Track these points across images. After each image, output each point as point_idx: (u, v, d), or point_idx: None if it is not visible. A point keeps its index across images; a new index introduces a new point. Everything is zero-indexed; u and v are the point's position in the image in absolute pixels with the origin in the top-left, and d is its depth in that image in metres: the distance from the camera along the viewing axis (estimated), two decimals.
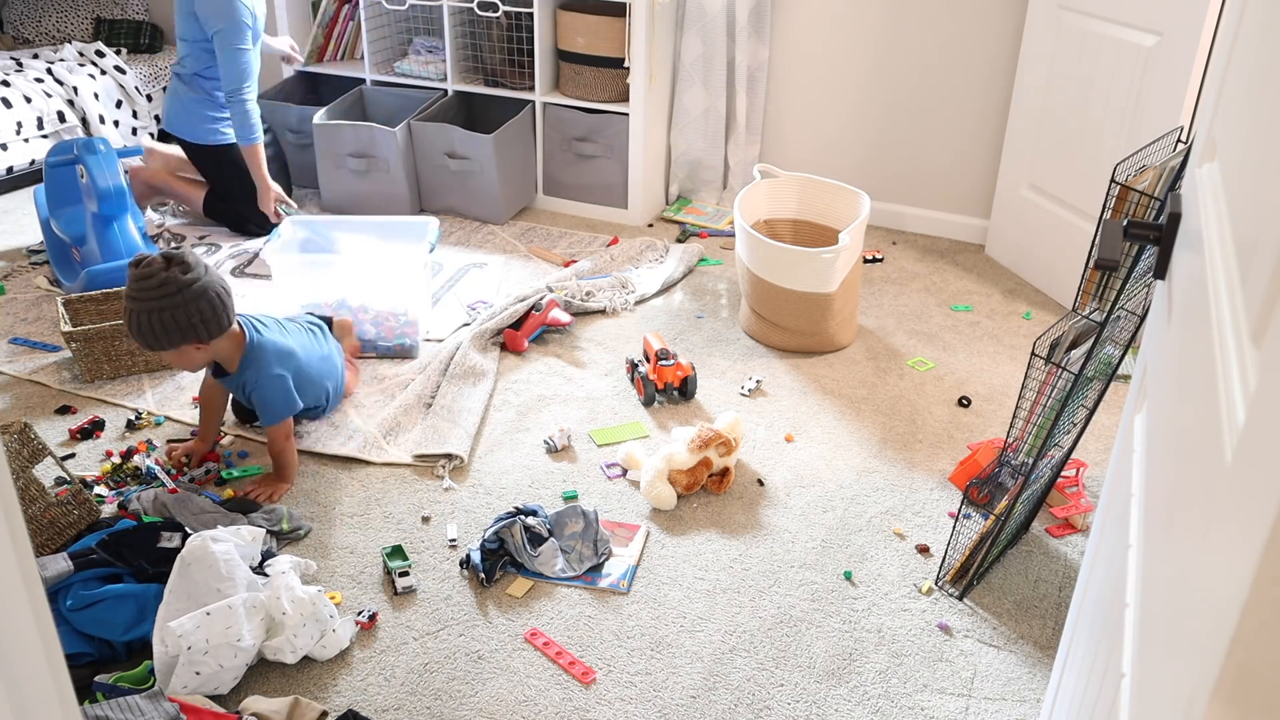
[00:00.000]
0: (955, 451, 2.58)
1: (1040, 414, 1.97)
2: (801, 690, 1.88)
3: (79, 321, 2.86)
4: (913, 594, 2.12)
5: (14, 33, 4.59)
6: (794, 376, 2.91)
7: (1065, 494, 2.35)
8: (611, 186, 3.87)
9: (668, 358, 2.75)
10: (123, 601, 1.90)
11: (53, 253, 3.30)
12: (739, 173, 3.99)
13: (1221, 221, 0.86)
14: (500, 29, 3.90)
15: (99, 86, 4.12)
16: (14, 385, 2.79)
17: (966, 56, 3.59)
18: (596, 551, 2.17)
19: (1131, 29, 2.88)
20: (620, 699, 1.85)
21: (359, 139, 3.73)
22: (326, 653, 1.91)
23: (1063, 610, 2.09)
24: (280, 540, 2.21)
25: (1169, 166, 1.63)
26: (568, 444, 2.57)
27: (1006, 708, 1.86)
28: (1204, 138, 1.09)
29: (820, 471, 2.50)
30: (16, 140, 3.81)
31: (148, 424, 2.62)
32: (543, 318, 3.02)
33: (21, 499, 2.08)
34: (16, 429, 2.19)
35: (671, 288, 3.42)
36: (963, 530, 2.17)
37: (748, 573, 2.17)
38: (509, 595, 2.09)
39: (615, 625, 2.02)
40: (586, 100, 3.76)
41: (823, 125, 3.91)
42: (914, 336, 3.14)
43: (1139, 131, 2.89)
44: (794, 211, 3.30)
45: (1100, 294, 1.80)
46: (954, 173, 3.77)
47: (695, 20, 3.76)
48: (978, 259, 3.68)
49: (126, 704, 1.68)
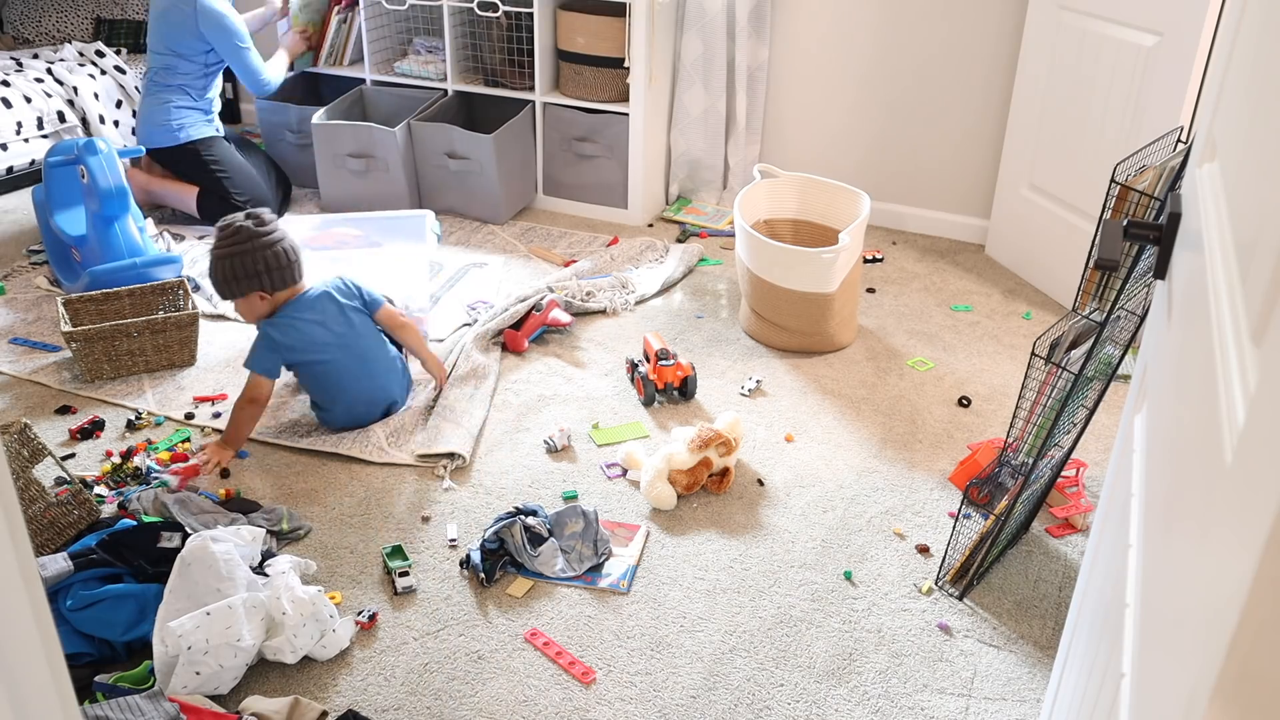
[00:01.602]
0: (955, 451, 2.58)
1: (1040, 414, 1.97)
2: (801, 690, 1.88)
3: (79, 321, 2.86)
4: (913, 594, 2.12)
5: (14, 33, 4.59)
6: (794, 376, 2.91)
7: (1065, 494, 2.35)
8: (611, 186, 3.87)
9: (668, 358, 2.75)
10: (123, 601, 1.90)
11: (52, 253, 3.30)
12: (739, 173, 3.99)
13: (1221, 221, 0.86)
14: (500, 29, 3.90)
15: (99, 86, 4.11)
16: (14, 385, 2.79)
17: (966, 56, 3.59)
18: (596, 551, 2.17)
19: (1131, 29, 2.88)
20: (620, 699, 1.85)
21: (359, 139, 3.73)
22: (326, 653, 1.91)
23: (1063, 610, 2.09)
24: (280, 540, 2.21)
25: (1169, 166, 1.63)
26: (568, 444, 2.57)
27: (1006, 708, 1.86)
28: (1204, 138, 1.09)
29: (820, 471, 2.50)
30: (16, 140, 3.81)
31: (148, 424, 2.62)
32: (543, 318, 3.02)
33: (21, 499, 2.08)
34: (16, 429, 2.19)
35: (671, 288, 3.43)
36: (963, 530, 2.17)
37: (748, 573, 2.17)
38: (509, 595, 2.09)
39: (615, 625, 2.02)
40: (586, 100, 3.77)
41: (823, 125, 3.91)
42: (914, 336, 3.14)
43: (1139, 131, 2.89)
44: (794, 211, 3.30)
45: (1100, 294, 1.80)
46: (954, 173, 3.77)
47: (695, 20, 3.76)
48: (978, 259, 3.68)
49: (126, 704, 1.68)
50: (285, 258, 2.43)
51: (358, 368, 2.52)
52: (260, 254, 2.39)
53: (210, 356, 2.93)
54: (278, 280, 2.43)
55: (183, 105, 3.61)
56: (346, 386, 2.52)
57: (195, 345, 2.88)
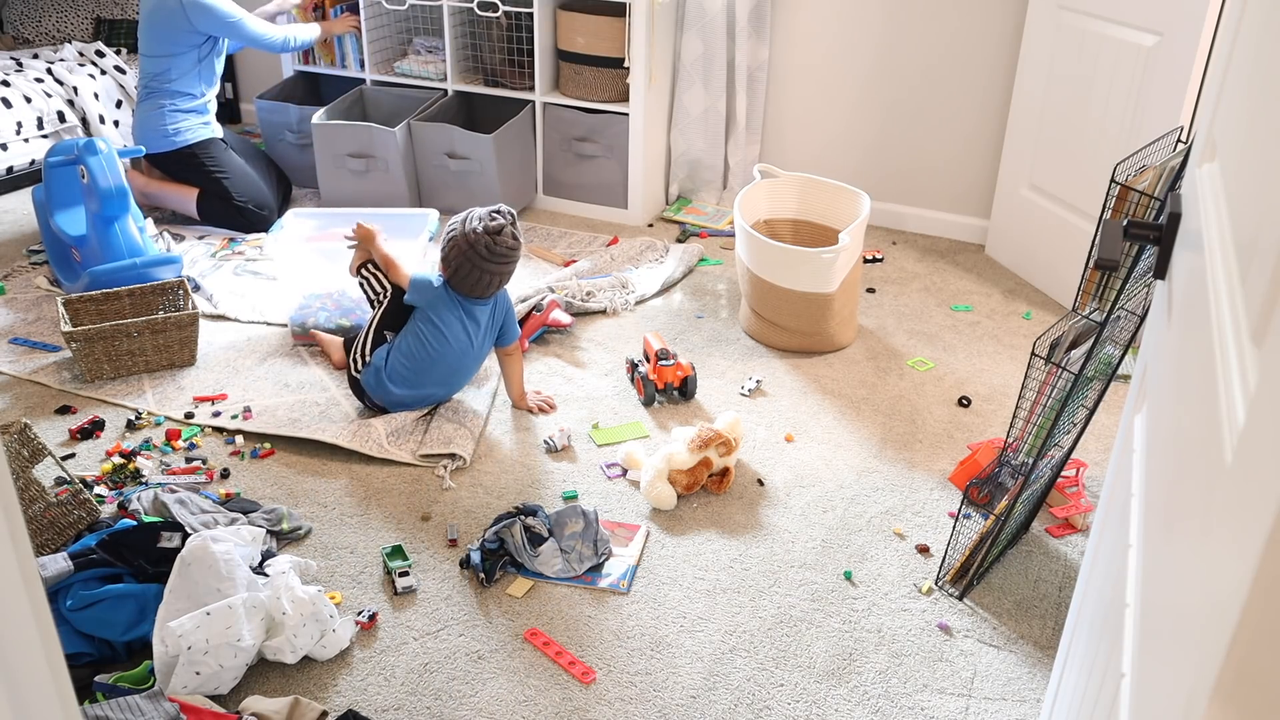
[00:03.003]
0: (955, 451, 2.58)
1: (1040, 414, 1.97)
2: (801, 690, 1.88)
3: (79, 321, 2.86)
4: (913, 594, 2.12)
5: (14, 33, 4.59)
6: (794, 376, 2.91)
7: (1065, 494, 2.35)
8: (611, 186, 3.87)
9: (668, 358, 2.75)
10: (123, 601, 1.90)
11: (52, 253, 3.30)
12: (739, 173, 3.99)
13: (1221, 221, 0.86)
14: (500, 29, 3.90)
15: (99, 86, 4.12)
16: (14, 385, 2.79)
17: (966, 56, 3.59)
18: (596, 551, 2.17)
19: (1131, 29, 2.88)
20: (620, 699, 1.85)
21: (359, 139, 3.73)
22: (326, 653, 1.91)
23: (1063, 610, 2.09)
24: (280, 540, 2.21)
25: (1169, 166, 1.63)
26: (568, 444, 2.57)
27: (1006, 708, 1.86)
28: (1204, 138, 1.09)
29: (820, 471, 2.50)
30: (16, 140, 3.81)
31: (148, 424, 2.62)
32: (544, 318, 3.02)
33: (21, 499, 2.08)
34: (16, 429, 2.19)
35: (671, 288, 3.43)
36: (963, 530, 2.17)
37: (748, 573, 2.17)
38: (509, 595, 2.09)
39: (615, 625, 2.02)
40: (586, 100, 3.77)
41: (823, 125, 3.91)
42: (914, 336, 3.14)
43: (1139, 131, 2.89)
44: (794, 211, 3.30)
45: (1100, 294, 1.80)
46: (954, 173, 3.77)
47: (695, 20, 3.76)
48: (978, 259, 3.68)
49: (126, 704, 1.68)
50: (506, 279, 2.59)
51: (448, 373, 2.62)
52: (507, 268, 2.56)
53: (210, 356, 2.93)
54: (487, 290, 2.57)
55: (178, 109, 3.60)
56: (423, 375, 2.58)
57: (195, 345, 2.88)
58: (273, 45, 3.69)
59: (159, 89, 3.60)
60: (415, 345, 2.56)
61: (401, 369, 2.56)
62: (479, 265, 2.50)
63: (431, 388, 2.62)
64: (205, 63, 3.63)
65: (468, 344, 2.59)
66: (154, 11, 3.51)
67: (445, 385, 2.65)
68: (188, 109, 3.63)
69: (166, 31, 3.52)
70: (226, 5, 3.53)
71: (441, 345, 2.55)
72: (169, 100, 3.59)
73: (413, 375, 2.57)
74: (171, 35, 3.52)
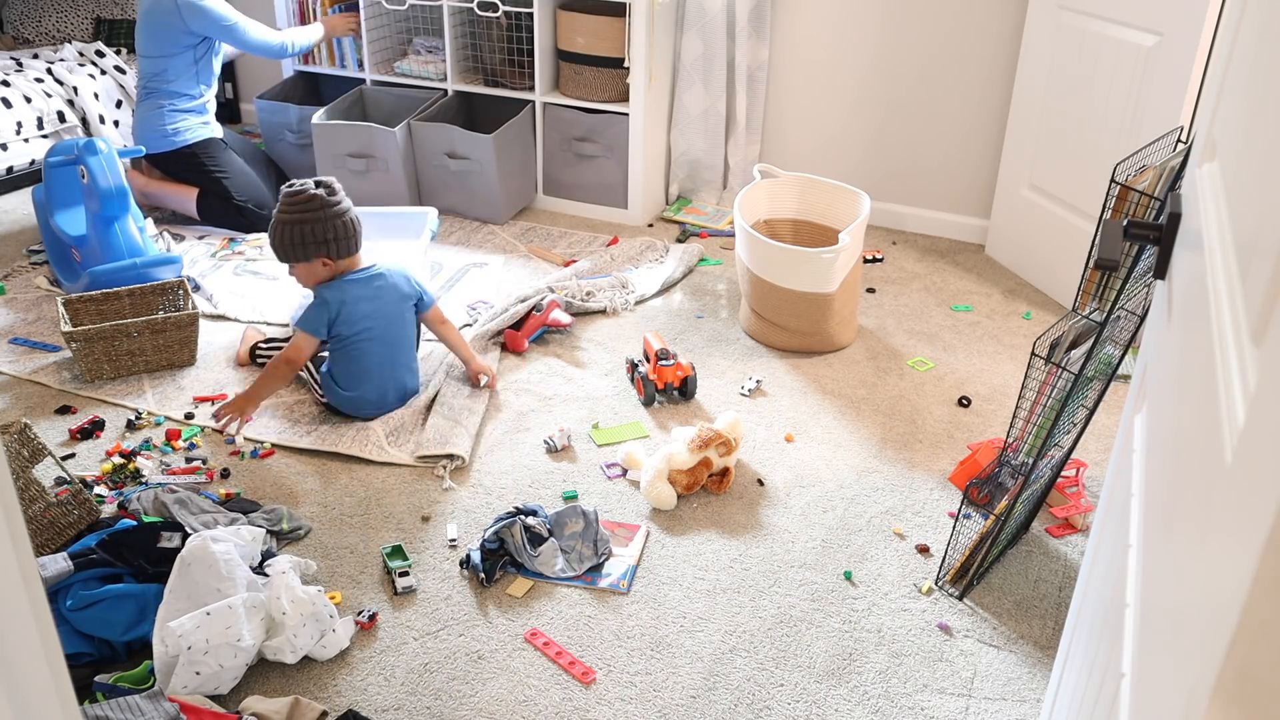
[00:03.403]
0: (955, 451, 2.58)
1: (1040, 414, 1.97)
2: (801, 690, 1.88)
3: (79, 321, 2.86)
4: (913, 594, 2.12)
5: (14, 33, 4.59)
6: (794, 376, 2.91)
7: (1065, 494, 2.35)
8: (611, 186, 3.87)
9: (668, 358, 2.75)
10: (123, 601, 1.90)
11: (52, 253, 3.30)
12: (739, 173, 3.99)
13: (1221, 221, 0.86)
14: (500, 29, 3.90)
15: (99, 86, 4.12)
16: (14, 385, 2.79)
17: (966, 56, 3.59)
18: (596, 551, 2.17)
19: (1131, 29, 2.88)
20: (620, 699, 1.85)
21: (359, 139, 3.73)
22: (326, 653, 1.91)
23: (1063, 610, 2.09)
24: (280, 540, 2.21)
25: (1169, 166, 1.63)
26: (568, 444, 2.57)
27: (1006, 708, 1.86)
28: (1204, 138, 1.09)
29: (820, 471, 2.50)
30: (16, 140, 3.81)
31: (148, 424, 2.62)
32: (543, 318, 3.02)
33: (21, 499, 2.08)
34: (16, 429, 2.19)
35: (671, 288, 3.43)
36: (963, 530, 2.17)
37: (748, 573, 2.17)
38: (509, 595, 2.09)
39: (615, 625, 2.02)
40: (586, 100, 3.77)
41: (823, 125, 3.91)
42: (914, 336, 3.14)
43: (1139, 131, 2.89)
44: (794, 211, 3.30)
45: (1100, 294, 1.80)
46: (954, 173, 3.77)
47: (695, 20, 3.76)
48: (978, 259, 3.68)
49: (126, 704, 1.68)
50: (352, 227, 2.53)
51: (387, 355, 2.61)
52: (331, 222, 2.48)
53: (210, 356, 2.93)
54: (343, 248, 2.52)
55: (177, 109, 3.60)
56: (372, 369, 2.59)
57: (195, 345, 2.88)
58: (271, 50, 3.69)
59: (157, 89, 3.60)
60: (346, 358, 2.57)
61: (354, 386, 2.59)
62: (325, 218, 2.47)
63: (387, 381, 2.62)
64: (202, 63, 3.63)
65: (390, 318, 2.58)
66: (150, 12, 3.51)
67: (399, 370, 2.64)
68: (186, 109, 3.63)
69: (162, 32, 3.52)
70: (222, 8, 3.52)
71: (367, 340, 2.55)
72: (167, 100, 3.59)
73: (366, 383, 2.59)
74: (167, 36, 3.52)
